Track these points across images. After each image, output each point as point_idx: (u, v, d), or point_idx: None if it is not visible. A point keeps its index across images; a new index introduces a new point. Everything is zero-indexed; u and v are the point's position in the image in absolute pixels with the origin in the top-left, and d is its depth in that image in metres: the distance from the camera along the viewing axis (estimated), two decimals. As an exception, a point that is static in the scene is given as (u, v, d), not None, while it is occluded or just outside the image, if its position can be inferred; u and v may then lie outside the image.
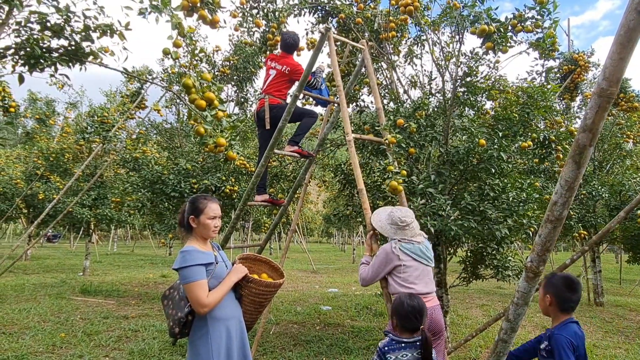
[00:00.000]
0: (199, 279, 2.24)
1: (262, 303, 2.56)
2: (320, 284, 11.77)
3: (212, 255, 2.41)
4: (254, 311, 2.56)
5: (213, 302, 2.25)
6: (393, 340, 2.31)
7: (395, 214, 3.26)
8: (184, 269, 2.24)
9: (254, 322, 2.66)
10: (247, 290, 2.48)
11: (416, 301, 2.40)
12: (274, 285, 2.55)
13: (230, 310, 2.41)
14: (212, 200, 2.48)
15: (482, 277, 5.58)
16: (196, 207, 2.43)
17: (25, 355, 4.60)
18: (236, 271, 2.44)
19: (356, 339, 5.71)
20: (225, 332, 2.34)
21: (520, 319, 1.66)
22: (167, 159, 7.98)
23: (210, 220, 2.41)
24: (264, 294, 2.51)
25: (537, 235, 1.43)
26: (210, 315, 2.30)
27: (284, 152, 4.62)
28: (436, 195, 4.24)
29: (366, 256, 3.50)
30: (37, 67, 2.95)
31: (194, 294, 2.21)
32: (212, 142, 2.81)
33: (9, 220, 18.60)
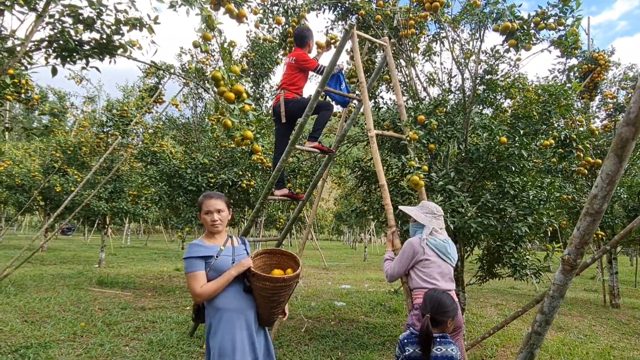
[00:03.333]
0: (195, 271, 2.43)
1: (271, 298, 2.52)
2: (332, 280, 11.81)
3: (216, 248, 2.53)
4: (266, 305, 2.55)
5: (207, 292, 2.41)
6: (413, 334, 2.33)
7: (430, 204, 3.31)
8: (185, 261, 2.49)
9: (272, 317, 2.63)
10: (254, 285, 2.50)
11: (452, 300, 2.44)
12: (278, 280, 2.48)
13: (236, 302, 2.49)
14: (209, 197, 2.62)
15: (499, 275, 5.55)
16: (198, 206, 2.64)
17: (48, 343, 4.69)
18: (238, 265, 2.52)
19: (371, 335, 5.73)
20: (226, 322, 2.44)
21: (555, 312, 1.67)
22: (184, 154, 8.06)
23: (206, 216, 2.59)
24: (270, 289, 2.48)
25: (576, 229, 1.44)
26: (212, 305, 2.46)
27: (305, 148, 4.65)
28: (456, 192, 4.23)
29: (389, 252, 3.51)
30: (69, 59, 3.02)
31: (189, 284, 2.43)
32: (239, 135, 2.84)
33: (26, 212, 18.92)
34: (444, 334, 2.32)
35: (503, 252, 5.26)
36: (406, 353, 2.25)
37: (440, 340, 2.29)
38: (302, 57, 4.57)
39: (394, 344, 5.38)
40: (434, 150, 4.24)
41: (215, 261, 2.47)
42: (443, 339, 2.28)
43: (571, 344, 5.72)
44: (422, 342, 2.24)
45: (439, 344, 2.27)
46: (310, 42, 4.81)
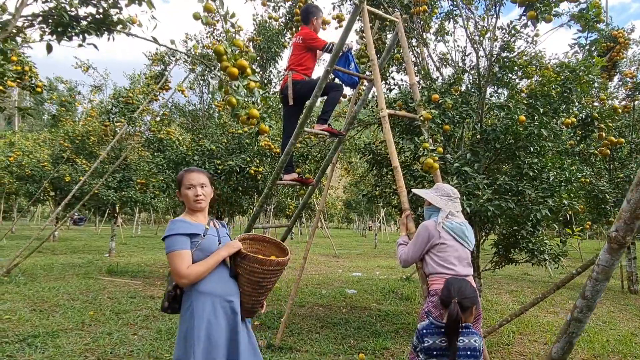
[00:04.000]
0: (179, 249, 2.19)
1: (261, 284, 2.34)
2: (343, 268, 11.71)
3: (201, 227, 2.31)
4: (253, 292, 2.36)
5: (194, 274, 2.18)
6: (432, 324, 2.17)
7: (445, 186, 3.15)
8: (167, 238, 2.22)
9: (257, 306, 2.46)
10: (242, 268, 2.32)
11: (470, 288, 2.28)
12: (270, 264, 2.31)
13: (221, 287, 2.28)
14: (190, 170, 2.39)
15: (515, 261, 5.38)
16: (178, 181, 2.39)
17: (56, 332, 4.63)
18: (228, 246, 2.32)
19: (384, 323, 5.60)
20: (210, 307, 2.22)
21: (599, 296, 1.50)
22: (191, 140, 7.93)
23: (188, 191, 2.33)
24: (260, 273, 2.31)
25: (625, 201, 1.27)
26: (196, 289, 2.22)
27: (314, 131, 4.49)
28: (471, 175, 4.05)
29: (402, 236, 3.36)
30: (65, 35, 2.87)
31: (173, 264, 2.17)
32: (245, 114, 2.69)
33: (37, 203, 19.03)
34: (467, 324, 2.16)
35: (520, 237, 5.08)
36: (425, 344, 2.10)
37: (463, 331, 2.13)
38: (309, 36, 4.39)
39: (408, 331, 5.25)
40: (448, 131, 4.05)
41: (202, 240, 2.27)
42: (466, 329, 2.12)
43: (590, 331, 5.55)
44: (451, 330, 2.07)
45: (462, 334, 2.11)
46: (315, 20, 4.61)
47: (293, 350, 4.46)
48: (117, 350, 4.20)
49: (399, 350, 4.60)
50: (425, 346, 2.09)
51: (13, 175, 15.16)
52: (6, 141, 16.17)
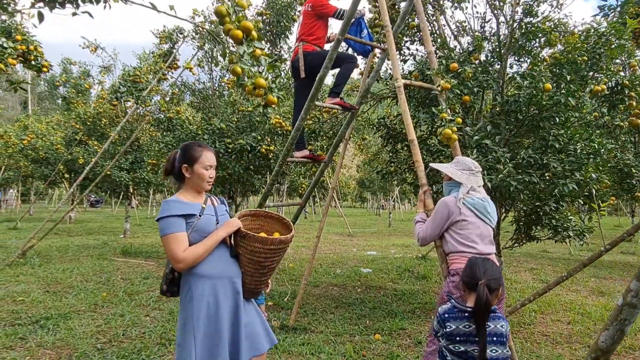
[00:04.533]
0: (175, 232, 2.05)
1: (263, 263, 2.21)
2: (357, 247, 11.59)
3: (198, 206, 2.17)
4: (255, 272, 2.24)
5: (191, 257, 2.05)
6: (455, 308, 1.99)
7: (466, 160, 2.95)
8: (161, 220, 2.07)
9: (260, 286, 2.33)
10: (243, 248, 2.19)
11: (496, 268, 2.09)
12: (272, 242, 2.16)
13: (220, 268, 2.16)
14: (207, 149, 2.24)
15: (537, 238, 5.17)
16: (190, 155, 2.20)
17: (68, 314, 4.60)
18: (226, 225, 2.17)
19: (400, 302, 5.47)
20: (210, 291, 2.10)
21: (660, 278, 1.31)
22: (201, 119, 7.77)
23: (205, 170, 2.18)
24: (262, 253, 2.17)
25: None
26: (194, 272, 2.11)
27: (325, 105, 4.29)
28: (492, 148, 3.83)
29: (420, 213, 3.17)
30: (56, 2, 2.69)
31: (168, 248, 2.04)
32: (251, 84, 2.50)
33: (52, 185, 19.22)
34: (493, 307, 1.99)
35: (542, 213, 4.86)
36: (448, 329, 1.92)
37: (489, 315, 1.96)
38: (319, 2, 4.15)
39: (425, 311, 5.11)
40: (468, 103, 3.81)
41: (198, 221, 2.12)
42: (492, 313, 1.94)
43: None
44: (479, 315, 1.89)
45: (488, 319, 1.94)
46: None
47: (307, 331, 4.36)
48: (129, 332, 4.15)
49: (416, 330, 4.47)
50: (447, 331, 1.92)
51: (28, 158, 15.28)
52: (20, 124, 16.25)
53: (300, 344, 3.98)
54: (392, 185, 22.23)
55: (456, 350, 1.91)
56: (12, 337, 3.91)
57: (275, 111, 7.35)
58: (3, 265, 6.95)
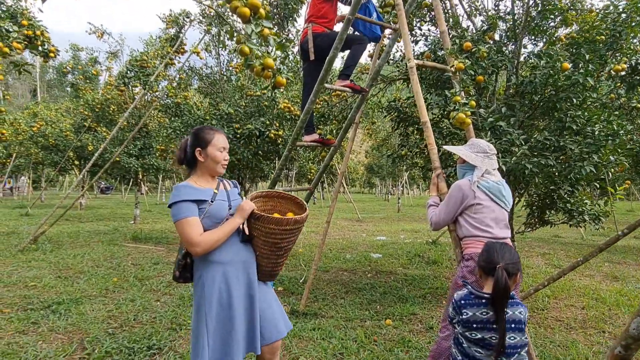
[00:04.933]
0: (188, 216, 2.01)
1: (279, 245, 2.17)
2: (367, 232, 11.56)
3: (210, 192, 2.14)
4: (272, 254, 2.20)
5: (208, 242, 2.02)
6: (472, 294, 1.92)
7: (481, 142, 2.87)
8: (173, 206, 2.03)
9: (277, 268, 2.29)
10: (258, 230, 2.14)
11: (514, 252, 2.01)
12: (287, 222, 2.12)
13: (232, 253, 2.13)
14: (219, 131, 2.20)
15: (550, 223, 5.08)
16: (203, 138, 2.16)
17: (79, 299, 4.62)
18: (241, 211, 2.12)
19: (411, 287, 5.43)
20: (221, 277, 2.07)
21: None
22: (209, 105, 7.71)
23: (219, 152, 2.15)
24: (277, 234, 2.13)
25: None
26: (205, 259, 2.10)
27: (335, 87, 4.19)
28: (507, 130, 3.72)
29: (433, 197, 3.10)
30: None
31: (183, 232, 2.00)
32: (259, 64, 2.42)
33: (63, 172, 19.36)
34: (511, 293, 1.92)
35: (557, 197, 4.77)
36: (464, 316, 1.86)
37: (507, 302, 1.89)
38: None
39: (436, 296, 5.07)
40: (482, 83, 3.71)
41: (210, 206, 2.09)
42: (510, 299, 1.87)
43: (630, 294, 5.27)
44: (498, 301, 1.83)
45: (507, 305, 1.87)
46: None
47: (318, 316, 4.34)
48: (140, 317, 4.15)
49: (427, 315, 4.43)
50: (464, 318, 1.86)
51: (38, 145, 15.37)
52: (30, 112, 16.32)
53: (311, 329, 3.96)
54: (401, 171, 22.10)
55: (473, 338, 1.85)
56: (25, 322, 3.93)
57: (283, 95, 7.26)
58: (15, 251, 7.01)
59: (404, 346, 3.67)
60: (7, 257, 6.63)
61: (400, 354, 3.52)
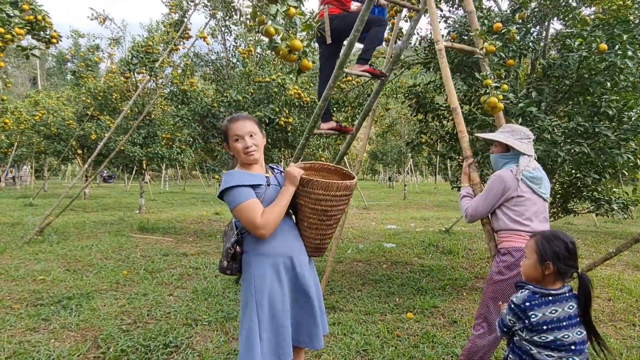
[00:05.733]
0: (247, 199, 1.94)
1: (329, 212, 2.06)
2: (375, 220, 11.41)
3: (262, 177, 2.09)
4: (320, 224, 2.09)
5: (271, 220, 1.94)
6: (536, 294, 1.74)
7: (520, 127, 2.70)
8: (229, 192, 1.94)
9: (325, 241, 2.18)
10: (305, 198, 2.03)
11: (571, 238, 1.83)
12: (336, 187, 2.01)
13: (282, 245, 2.04)
14: (235, 119, 2.07)
15: (575, 212, 4.92)
16: (222, 133, 2.14)
17: (90, 293, 4.48)
18: (291, 177, 2.02)
19: (429, 279, 5.28)
20: (271, 270, 2.00)
21: None
22: (215, 91, 7.50)
23: (236, 144, 2.03)
24: (327, 200, 2.02)
25: None
26: (254, 250, 2.04)
27: (353, 72, 3.99)
28: (538, 116, 3.53)
29: (466, 187, 2.93)
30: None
31: (245, 216, 1.92)
32: (285, 46, 2.23)
33: (65, 161, 19.21)
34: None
35: (582, 185, 4.59)
36: (533, 319, 1.69)
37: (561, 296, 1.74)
38: None
39: (456, 288, 4.93)
40: (512, 66, 3.50)
41: (267, 190, 2.02)
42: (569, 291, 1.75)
43: None
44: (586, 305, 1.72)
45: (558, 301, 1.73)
46: None
47: (336, 310, 4.21)
48: (154, 312, 4.01)
49: (449, 308, 4.29)
50: (533, 321, 1.69)
51: (40, 134, 15.19)
52: (31, 100, 16.11)
53: (331, 323, 3.82)
54: (407, 157, 21.88)
55: (543, 341, 1.69)
56: (35, 319, 3.80)
57: (292, 81, 7.05)
58: (21, 243, 6.88)
59: (428, 341, 3.53)
60: (13, 249, 6.50)
61: (426, 350, 3.38)
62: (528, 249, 1.83)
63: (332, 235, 2.22)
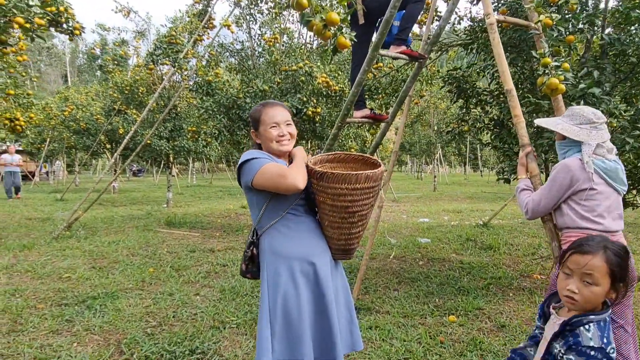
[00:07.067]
0: (265, 162, 1.77)
1: (351, 209, 1.76)
2: (406, 213, 11.03)
3: (284, 163, 1.90)
4: (343, 223, 1.80)
5: (300, 173, 1.73)
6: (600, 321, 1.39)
7: (583, 110, 2.31)
8: (247, 164, 1.79)
9: (352, 241, 1.90)
10: (323, 193, 1.75)
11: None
12: (356, 179, 1.69)
13: (299, 246, 1.82)
14: (273, 105, 1.88)
15: (635, 205, 4.47)
16: (253, 119, 1.93)
17: (115, 292, 4.32)
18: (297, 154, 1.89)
19: (470, 277, 4.93)
20: (287, 274, 1.81)
21: None
22: (241, 82, 7.26)
23: (272, 130, 1.87)
24: (347, 195, 1.72)
25: None
26: (270, 250, 1.85)
27: (389, 54, 3.64)
28: (602, 98, 3.13)
29: (524, 180, 2.58)
30: None
31: (271, 173, 1.73)
32: (320, 20, 1.93)
33: (95, 156, 19.47)
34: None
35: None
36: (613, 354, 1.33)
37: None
38: None
39: (501, 288, 4.57)
40: (573, 42, 3.10)
41: None
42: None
43: None
44: None
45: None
46: None
47: (372, 312, 3.92)
48: (180, 314, 3.81)
49: (494, 310, 3.94)
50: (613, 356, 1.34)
51: (70, 129, 15.37)
52: (61, 96, 16.33)
53: (367, 327, 3.54)
54: (436, 148, 21.30)
55: None
56: (59, 320, 3.65)
57: (320, 69, 6.74)
58: (50, 239, 6.84)
59: (476, 348, 3.21)
60: (41, 245, 6.45)
61: (474, 358, 3.06)
62: (597, 271, 1.39)
63: (359, 234, 1.92)
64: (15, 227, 8.11)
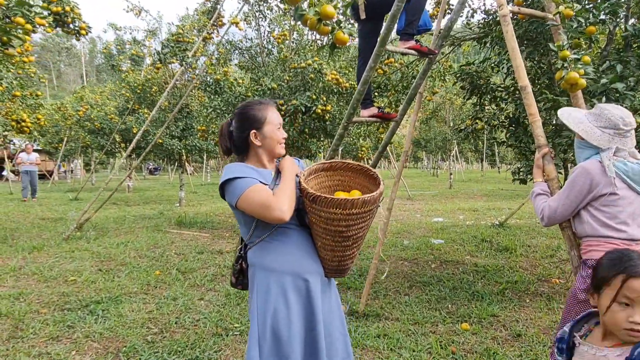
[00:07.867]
0: (252, 184, 1.64)
1: (345, 234, 1.62)
2: (420, 212, 10.80)
3: (269, 174, 1.80)
4: (337, 246, 1.68)
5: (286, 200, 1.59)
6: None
7: (612, 112, 2.10)
8: (234, 182, 1.66)
9: (345, 262, 1.77)
10: (316, 216, 1.61)
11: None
12: (352, 205, 1.55)
13: (291, 262, 1.71)
14: (270, 105, 1.85)
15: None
16: (255, 117, 1.78)
17: (119, 297, 4.25)
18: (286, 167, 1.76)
19: (485, 281, 4.73)
20: (277, 290, 1.70)
21: None
22: (250, 80, 7.14)
23: (279, 131, 1.81)
24: (341, 220, 1.58)
25: None
26: (260, 264, 1.75)
27: (398, 49, 3.47)
28: (626, 94, 2.91)
29: (539, 183, 2.39)
30: None
31: (255, 199, 1.60)
32: (314, 13, 1.78)
33: (109, 155, 19.62)
34: None
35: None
36: None
37: None
38: None
39: (517, 293, 4.36)
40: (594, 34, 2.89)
41: (275, 187, 1.71)
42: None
43: None
44: None
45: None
46: None
47: (381, 318, 3.77)
48: (182, 320, 3.72)
49: (510, 318, 3.75)
50: None
51: (85, 129, 15.50)
52: (76, 96, 16.49)
53: (375, 335, 3.40)
54: (452, 144, 20.94)
55: None
56: (60, 325, 3.59)
57: (330, 66, 6.58)
58: (60, 240, 6.83)
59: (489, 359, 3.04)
60: (51, 246, 6.44)
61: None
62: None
63: (353, 255, 1.80)
64: (28, 228, 8.15)
